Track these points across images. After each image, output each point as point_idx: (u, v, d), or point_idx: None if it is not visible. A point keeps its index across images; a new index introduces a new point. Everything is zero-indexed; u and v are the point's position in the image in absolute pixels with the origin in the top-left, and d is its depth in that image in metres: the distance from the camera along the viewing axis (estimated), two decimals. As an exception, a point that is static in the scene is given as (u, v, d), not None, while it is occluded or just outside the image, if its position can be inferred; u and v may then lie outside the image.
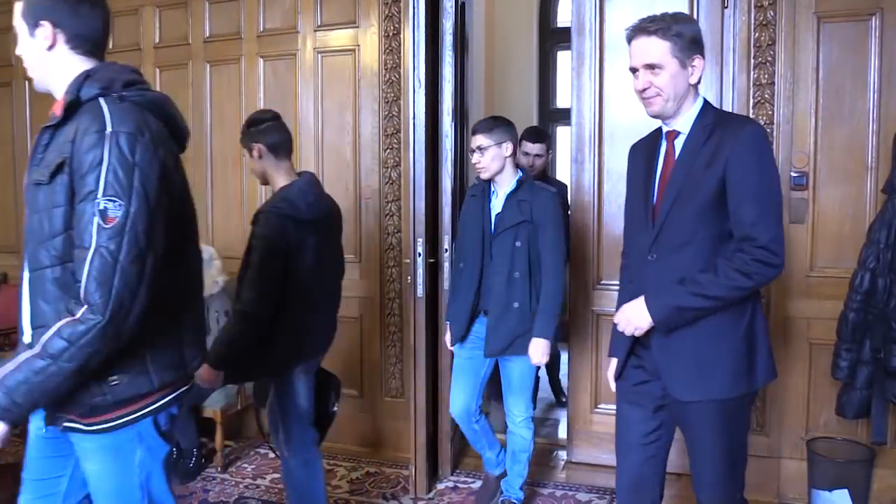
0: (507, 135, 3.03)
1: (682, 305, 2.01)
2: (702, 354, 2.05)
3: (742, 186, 1.95)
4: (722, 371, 2.04)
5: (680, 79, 2.03)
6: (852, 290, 3.04)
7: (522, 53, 7.18)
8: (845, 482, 3.06)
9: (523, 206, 3.00)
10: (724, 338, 2.04)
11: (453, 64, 3.57)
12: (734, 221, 1.97)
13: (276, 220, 2.51)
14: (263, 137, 2.66)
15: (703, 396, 2.05)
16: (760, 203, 1.95)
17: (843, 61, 3.22)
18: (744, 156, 1.95)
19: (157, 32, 4.49)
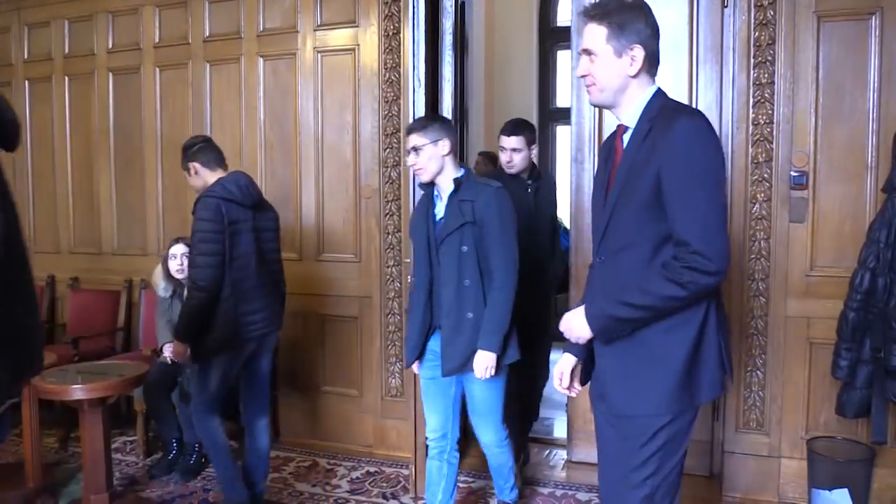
0: (443, 132, 2.76)
1: (616, 316, 1.86)
2: (637, 368, 1.89)
3: (673, 186, 1.78)
4: (656, 388, 1.86)
5: (614, 68, 1.88)
6: (852, 289, 3.03)
7: (522, 53, 7.18)
8: (845, 481, 3.06)
9: (465, 207, 2.72)
10: (664, 350, 1.85)
11: (453, 63, 3.58)
12: (670, 225, 1.80)
13: (213, 202, 2.93)
14: (196, 157, 3.16)
15: (637, 412, 1.90)
16: (693, 204, 1.76)
17: (843, 60, 3.22)
18: (674, 153, 1.78)
19: (157, 32, 4.50)
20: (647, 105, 1.90)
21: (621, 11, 1.88)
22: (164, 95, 4.52)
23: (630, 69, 1.88)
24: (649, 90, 1.93)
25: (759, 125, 3.31)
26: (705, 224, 1.76)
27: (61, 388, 3.09)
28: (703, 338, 1.86)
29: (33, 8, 4.83)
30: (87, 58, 4.71)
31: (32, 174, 4.96)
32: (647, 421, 1.88)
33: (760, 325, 3.38)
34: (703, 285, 1.76)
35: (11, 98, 4.93)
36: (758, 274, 3.37)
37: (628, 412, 1.92)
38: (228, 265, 2.95)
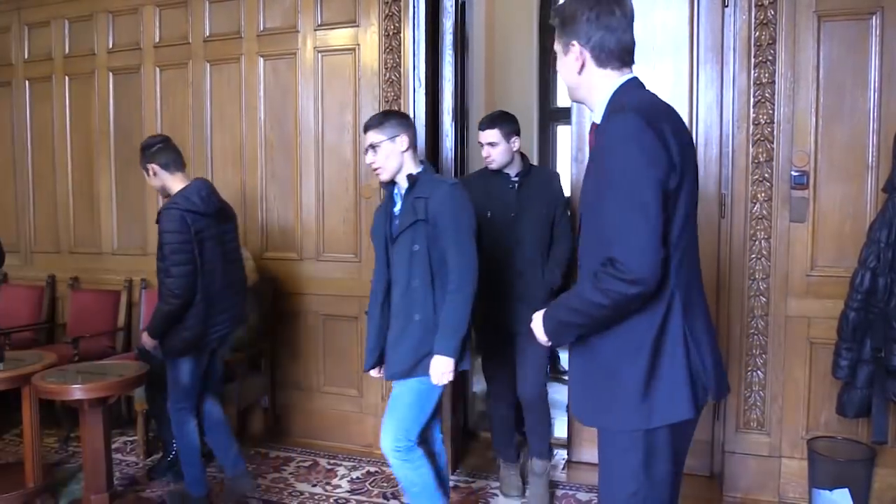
0: (401, 128, 2.67)
1: (559, 319, 1.81)
2: (593, 380, 1.82)
3: (598, 189, 1.71)
4: (609, 401, 1.77)
5: (567, 66, 1.83)
6: (853, 289, 3.03)
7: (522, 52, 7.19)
8: (846, 481, 3.06)
9: (418, 204, 2.61)
10: (616, 364, 1.75)
11: (453, 63, 3.58)
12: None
13: (177, 214, 3.01)
14: (155, 158, 3.18)
15: (593, 423, 1.84)
16: (610, 209, 1.67)
17: (844, 60, 3.22)
18: (600, 156, 1.72)
19: (158, 32, 4.49)
20: (610, 101, 1.80)
21: (565, 8, 1.81)
22: (164, 95, 4.52)
23: (572, 69, 1.82)
24: (615, 82, 1.81)
25: (760, 125, 3.31)
26: (619, 229, 1.65)
27: (61, 388, 3.08)
28: (660, 352, 1.72)
29: (33, 8, 4.83)
30: (87, 58, 4.71)
31: (33, 174, 4.96)
32: (612, 435, 1.80)
33: (761, 325, 3.38)
34: (624, 294, 1.64)
35: (11, 98, 4.95)
36: (758, 274, 3.37)
37: (586, 422, 1.87)
38: (200, 272, 3.07)
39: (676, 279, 1.72)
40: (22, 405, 3.31)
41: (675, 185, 1.68)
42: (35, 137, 4.94)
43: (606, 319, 1.72)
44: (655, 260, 1.62)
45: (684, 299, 1.74)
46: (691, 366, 1.73)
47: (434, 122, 3.57)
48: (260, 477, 3.78)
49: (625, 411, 1.74)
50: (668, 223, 1.68)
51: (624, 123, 1.67)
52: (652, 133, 1.64)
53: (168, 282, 3.02)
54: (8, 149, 5.01)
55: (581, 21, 1.76)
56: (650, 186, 1.63)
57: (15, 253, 5.01)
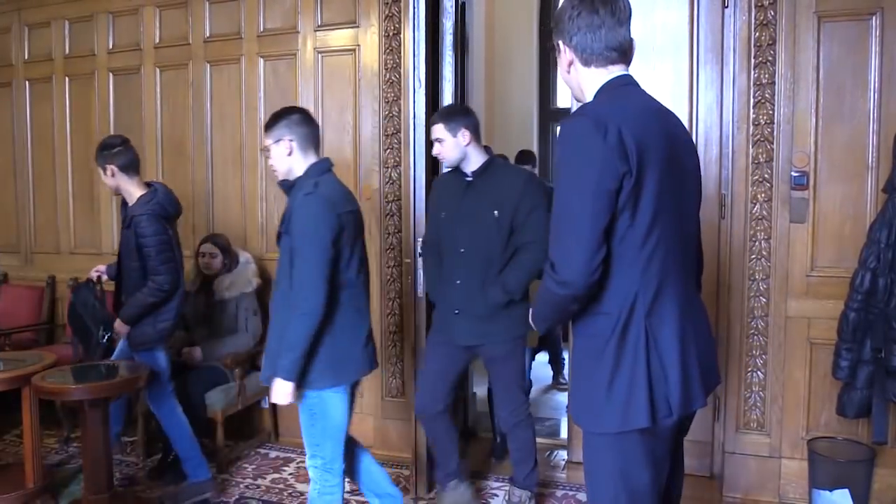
0: (285, 130, 2.58)
1: (533, 309, 1.92)
2: (575, 377, 1.87)
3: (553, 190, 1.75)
4: (584, 400, 1.81)
5: (560, 65, 1.87)
6: (853, 289, 3.03)
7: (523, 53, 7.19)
8: (846, 482, 3.06)
9: (285, 215, 2.53)
10: (588, 365, 1.77)
11: (453, 64, 3.58)
12: None
13: (155, 218, 3.25)
14: (115, 160, 3.30)
15: (576, 421, 1.85)
16: (553, 211, 1.71)
17: (844, 61, 3.22)
18: (557, 159, 1.75)
19: (158, 32, 4.50)
20: (588, 102, 1.82)
21: (559, 7, 1.85)
22: (164, 96, 4.52)
23: (563, 67, 1.85)
24: (601, 80, 1.81)
25: (760, 125, 3.31)
26: (553, 233, 1.70)
27: (62, 388, 3.08)
28: (621, 356, 1.70)
29: (34, 8, 4.83)
30: (87, 58, 4.71)
31: (33, 174, 4.96)
32: (587, 436, 1.82)
33: (761, 326, 3.38)
34: (557, 294, 1.70)
35: (12, 98, 4.95)
36: (758, 274, 3.37)
37: (575, 421, 1.89)
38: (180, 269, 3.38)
39: (643, 279, 1.70)
40: (22, 406, 3.31)
41: (631, 185, 1.64)
42: (35, 138, 4.94)
43: (557, 314, 1.82)
44: (584, 265, 1.64)
45: (651, 300, 1.71)
46: (651, 375, 1.70)
47: (434, 122, 3.58)
48: (260, 477, 3.78)
49: (595, 413, 1.75)
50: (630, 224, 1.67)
51: (570, 128, 1.69)
52: (599, 137, 1.62)
53: (159, 279, 3.26)
54: (8, 149, 5.01)
55: (565, 21, 1.78)
56: (588, 192, 1.63)
57: (15, 253, 5.02)
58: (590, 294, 1.70)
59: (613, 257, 1.69)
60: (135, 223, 3.23)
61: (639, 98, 1.81)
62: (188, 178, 4.45)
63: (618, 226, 1.67)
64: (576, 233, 1.64)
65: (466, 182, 3.08)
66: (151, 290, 3.26)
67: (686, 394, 1.73)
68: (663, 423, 1.72)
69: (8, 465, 3.79)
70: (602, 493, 1.81)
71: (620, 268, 1.70)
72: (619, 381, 1.70)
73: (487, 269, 3.00)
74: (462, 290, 3.04)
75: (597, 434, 1.77)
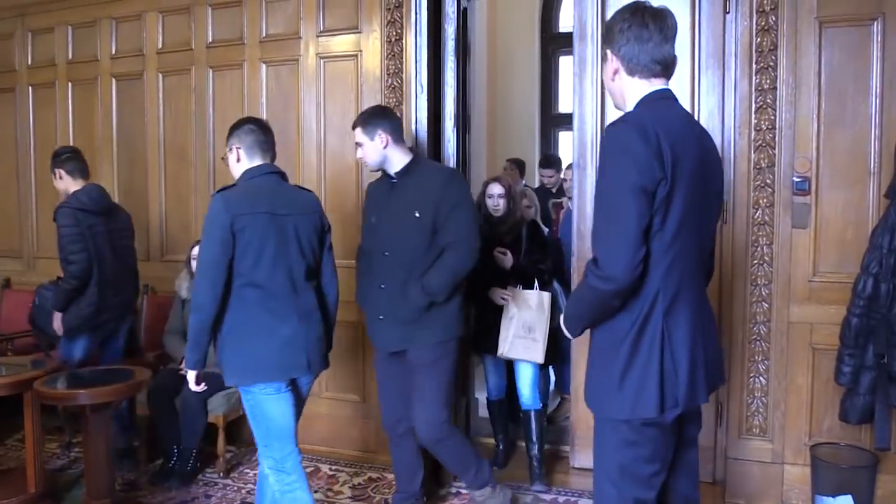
0: (234, 139, 2.77)
1: (568, 312, 2.05)
2: (590, 366, 2.00)
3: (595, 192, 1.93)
4: (597, 387, 1.96)
5: (605, 73, 2.00)
6: (855, 295, 3.03)
7: (524, 58, 7.21)
8: (849, 488, 3.05)
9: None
10: (605, 354, 1.93)
11: (455, 69, 3.59)
12: None
13: (69, 211, 3.55)
14: (63, 165, 3.74)
15: (589, 406, 2.00)
16: (597, 212, 1.88)
17: (845, 66, 3.22)
18: (599, 160, 1.89)
19: (160, 38, 4.51)
20: (630, 111, 1.94)
21: (610, 18, 1.98)
22: (167, 101, 4.53)
23: (608, 74, 1.98)
24: (642, 91, 1.94)
25: (762, 131, 3.31)
26: (599, 232, 1.85)
27: (64, 393, 3.09)
28: (637, 350, 1.86)
29: (37, 14, 4.84)
30: (90, 63, 4.72)
31: (36, 179, 4.96)
32: (598, 422, 1.99)
33: (763, 331, 3.37)
34: (601, 290, 1.82)
35: (15, 104, 4.96)
36: (760, 280, 3.36)
37: (586, 402, 2.02)
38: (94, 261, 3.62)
39: (664, 281, 1.85)
40: (23, 411, 3.31)
41: (664, 194, 1.78)
42: (38, 143, 4.95)
43: (595, 313, 1.91)
44: (628, 261, 1.77)
45: (669, 302, 1.86)
46: (663, 369, 1.85)
47: (436, 127, 3.58)
48: (261, 483, 3.78)
49: (606, 400, 1.92)
50: (659, 228, 1.81)
51: (615, 133, 1.82)
52: (641, 142, 1.75)
53: (69, 268, 3.56)
54: (11, 154, 5.02)
55: (615, 31, 1.92)
56: (631, 193, 1.76)
57: (18, 258, 5.03)
58: (632, 289, 1.82)
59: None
60: (55, 216, 3.60)
61: (678, 113, 1.96)
62: (190, 183, 4.45)
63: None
64: (622, 230, 1.77)
65: (391, 184, 3.06)
66: (65, 280, 3.59)
67: (692, 390, 1.89)
68: (669, 415, 1.87)
69: (10, 469, 3.79)
70: (606, 479, 1.96)
71: (646, 268, 1.82)
72: (632, 374, 1.85)
73: (410, 272, 2.94)
74: (385, 295, 3.00)
75: (607, 419, 1.93)
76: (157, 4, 4.48)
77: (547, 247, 3.84)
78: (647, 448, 1.91)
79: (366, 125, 3.00)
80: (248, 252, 2.57)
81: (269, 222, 2.61)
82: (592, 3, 3.57)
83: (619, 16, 1.92)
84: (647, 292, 1.84)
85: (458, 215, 2.91)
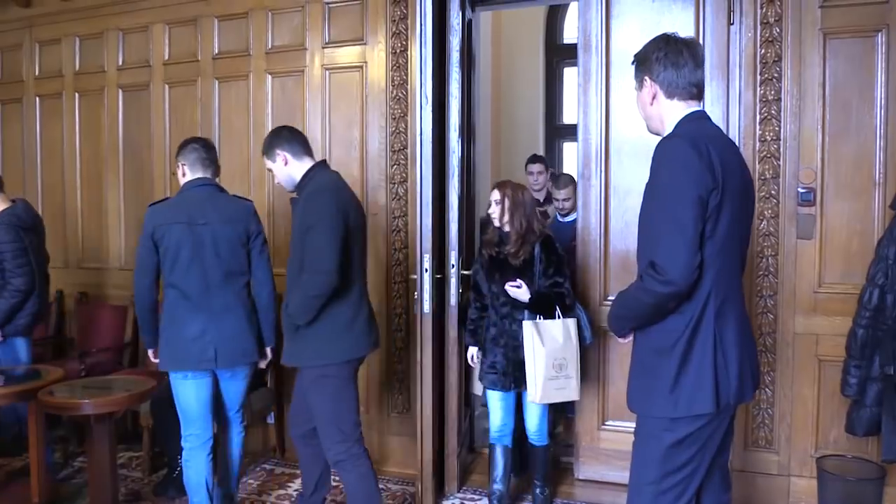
0: (180, 157, 3.20)
1: (616, 313, 2.16)
2: (639, 369, 2.12)
3: (645, 203, 2.03)
4: (646, 390, 2.07)
5: (640, 101, 2.16)
6: (861, 306, 3.02)
7: (529, 70, 7.21)
8: (856, 500, 3.03)
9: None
10: (656, 357, 2.04)
11: (460, 80, 3.59)
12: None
13: (11, 227, 3.69)
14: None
15: (633, 408, 2.14)
16: (653, 219, 1.99)
17: (850, 77, 3.23)
18: (651, 174, 2.00)
19: (167, 49, 4.54)
20: (674, 129, 2.08)
21: (643, 48, 2.14)
22: (173, 112, 4.56)
23: (645, 100, 2.13)
24: (681, 113, 2.09)
25: (766, 142, 3.32)
26: (659, 237, 1.94)
27: (69, 402, 3.09)
28: (691, 351, 1.99)
29: (45, 25, 4.88)
30: (97, 75, 4.75)
31: (42, 189, 5.00)
32: (644, 422, 2.10)
33: (769, 343, 3.36)
34: (660, 292, 1.93)
35: (22, 114, 5.00)
36: (766, 291, 3.36)
37: (630, 406, 2.15)
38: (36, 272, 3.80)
39: (714, 287, 1.98)
40: (29, 420, 3.31)
41: (716, 202, 1.93)
42: (45, 153, 4.98)
43: (649, 314, 2.02)
44: (687, 264, 1.89)
45: (719, 306, 2.00)
46: (716, 367, 1.99)
47: (441, 138, 3.58)
48: (264, 493, 3.77)
49: (657, 400, 2.02)
50: (711, 235, 1.94)
51: (671, 147, 1.97)
52: (695, 155, 1.90)
53: (17, 281, 3.68)
54: (18, 164, 5.05)
55: (651, 60, 2.09)
56: (688, 201, 1.90)
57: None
58: (688, 293, 1.95)
59: None
60: None
61: (716, 130, 2.14)
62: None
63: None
64: (682, 235, 1.90)
65: (294, 201, 3.03)
66: (11, 293, 3.68)
67: (741, 387, 2.04)
68: (723, 410, 2.02)
69: (14, 479, 3.79)
70: (644, 476, 2.08)
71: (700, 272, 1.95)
72: (688, 372, 1.99)
73: (290, 291, 2.91)
74: (283, 309, 2.98)
75: (653, 417, 2.05)
76: (164, 16, 4.52)
77: (563, 264, 3.34)
78: (694, 446, 2.03)
79: (267, 150, 3.01)
80: (167, 257, 3.02)
81: (185, 231, 3.01)
82: (597, 15, 3.59)
83: (654, 46, 2.09)
84: (700, 295, 1.97)
85: (310, 238, 2.80)
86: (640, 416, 2.12)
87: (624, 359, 3.45)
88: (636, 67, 2.15)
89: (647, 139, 2.37)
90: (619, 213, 3.57)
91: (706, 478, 2.12)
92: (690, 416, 1.99)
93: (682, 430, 2.01)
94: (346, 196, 2.95)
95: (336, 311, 2.87)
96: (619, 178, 3.56)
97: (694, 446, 2.03)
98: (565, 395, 3.24)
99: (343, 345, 2.90)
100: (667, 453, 2.04)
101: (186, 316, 3.03)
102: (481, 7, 4.21)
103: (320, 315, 2.83)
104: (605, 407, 3.64)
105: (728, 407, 2.03)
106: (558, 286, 3.28)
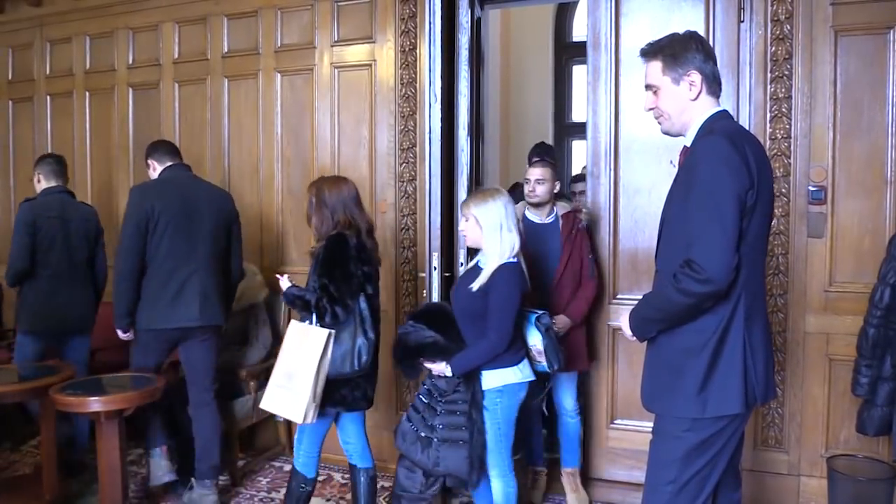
0: (36, 169, 4.02)
1: (642, 315, 2.10)
2: (661, 369, 2.10)
3: (684, 202, 1.98)
4: (671, 390, 2.04)
5: (675, 96, 2.07)
6: (872, 305, 3.00)
7: (538, 68, 7.20)
8: (866, 500, 3.02)
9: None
10: (683, 358, 2.02)
11: (469, 78, 3.59)
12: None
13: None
14: None
15: (655, 409, 2.12)
16: (692, 218, 1.94)
17: (861, 75, 3.21)
18: (687, 173, 1.98)
19: (177, 48, 4.55)
20: (702, 126, 2.05)
21: (671, 45, 2.07)
22: (182, 110, 4.57)
23: (690, 94, 2.05)
24: (710, 111, 2.06)
25: (777, 140, 3.30)
26: (699, 236, 1.90)
27: (79, 400, 3.10)
28: (721, 352, 1.98)
29: (55, 24, 4.91)
30: (107, 73, 4.77)
31: (53, 188, 5.02)
32: (665, 421, 2.08)
33: (779, 342, 3.34)
34: (697, 291, 1.89)
35: (33, 113, 5.02)
36: (776, 290, 3.34)
37: (648, 405, 2.14)
38: None
39: (744, 288, 1.98)
40: (40, 417, 3.33)
41: (752, 201, 1.93)
42: (55, 152, 4.99)
43: (681, 316, 1.98)
44: (727, 263, 1.87)
45: (748, 308, 1.99)
46: (746, 367, 1.98)
47: (450, 137, 3.58)
48: (274, 490, 3.78)
49: (683, 400, 2.00)
50: (744, 234, 1.93)
51: (713, 143, 1.94)
52: (735, 153, 1.89)
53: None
54: (29, 163, 5.06)
55: (689, 54, 2.03)
56: (729, 198, 1.88)
57: None
58: (726, 291, 1.91)
59: None
60: None
61: (746, 130, 2.15)
62: None
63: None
64: (723, 233, 1.88)
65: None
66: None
67: (766, 387, 2.05)
68: (750, 409, 2.03)
69: (24, 476, 3.81)
70: (662, 477, 2.06)
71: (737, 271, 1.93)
72: (718, 372, 1.97)
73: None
74: None
75: (677, 418, 2.02)
76: (174, 15, 4.53)
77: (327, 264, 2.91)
78: (715, 446, 2.02)
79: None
80: (42, 243, 3.80)
81: (56, 224, 3.85)
82: (606, 12, 3.58)
83: (682, 41, 2.05)
84: (733, 294, 1.96)
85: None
86: (660, 416, 2.10)
87: (633, 357, 3.45)
88: (671, 61, 2.06)
89: (656, 138, 2.38)
90: (629, 211, 3.56)
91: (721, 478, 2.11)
92: (716, 416, 1.98)
93: (706, 431, 2.00)
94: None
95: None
96: (628, 176, 3.55)
97: (715, 447, 2.02)
98: (288, 411, 2.83)
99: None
100: (688, 454, 2.02)
101: (52, 289, 3.85)
102: (490, 5, 4.20)
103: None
104: (614, 406, 3.63)
105: (755, 406, 2.03)
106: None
